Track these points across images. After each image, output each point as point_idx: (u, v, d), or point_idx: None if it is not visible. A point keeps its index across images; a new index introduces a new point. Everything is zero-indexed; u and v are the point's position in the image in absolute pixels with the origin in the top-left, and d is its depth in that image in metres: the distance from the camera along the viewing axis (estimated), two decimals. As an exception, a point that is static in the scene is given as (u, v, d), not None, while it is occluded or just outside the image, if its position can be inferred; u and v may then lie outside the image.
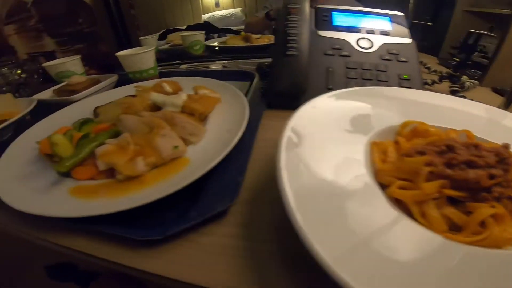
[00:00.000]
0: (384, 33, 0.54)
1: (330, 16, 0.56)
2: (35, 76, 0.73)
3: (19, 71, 0.67)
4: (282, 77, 0.50)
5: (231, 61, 0.87)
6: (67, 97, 0.57)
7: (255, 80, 0.65)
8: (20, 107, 0.56)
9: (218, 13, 1.91)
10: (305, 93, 0.49)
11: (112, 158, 0.34)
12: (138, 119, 0.39)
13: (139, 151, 0.35)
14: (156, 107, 0.45)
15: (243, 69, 0.72)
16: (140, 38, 1.00)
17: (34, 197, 0.29)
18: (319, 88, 0.50)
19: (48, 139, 0.38)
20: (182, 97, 0.42)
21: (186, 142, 0.38)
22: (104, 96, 0.58)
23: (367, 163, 0.23)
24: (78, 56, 0.74)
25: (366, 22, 0.57)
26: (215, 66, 0.83)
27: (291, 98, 0.47)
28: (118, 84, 0.68)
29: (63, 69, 0.71)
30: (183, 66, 0.88)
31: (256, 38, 1.16)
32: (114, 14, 0.86)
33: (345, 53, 0.52)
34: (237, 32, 1.31)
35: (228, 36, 1.25)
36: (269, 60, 0.79)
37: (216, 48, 1.13)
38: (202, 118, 0.44)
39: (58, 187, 0.32)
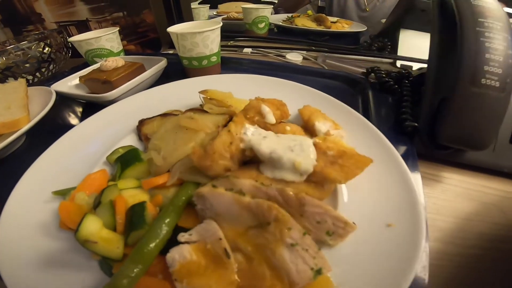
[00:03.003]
0: None
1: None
2: (63, 51, 0.56)
3: (43, 45, 0.49)
4: (461, 118, 0.29)
5: (310, 52, 0.64)
6: (97, 95, 0.39)
7: (370, 96, 0.43)
8: (33, 103, 0.39)
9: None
10: (487, 147, 0.29)
11: (201, 284, 0.17)
12: (237, 200, 0.20)
13: (247, 273, 0.17)
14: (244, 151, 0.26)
15: (350, 73, 0.50)
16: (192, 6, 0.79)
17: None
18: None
19: (70, 211, 0.21)
20: (310, 152, 0.22)
21: (319, 243, 0.20)
22: (149, 96, 0.40)
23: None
24: (116, 29, 0.55)
25: None
26: (294, 56, 0.61)
27: (464, 151, 0.32)
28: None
29: (95, 46, 0.52)
30: (247, 50, 0.67)
31: (333, 22, 0.90)
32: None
33: None
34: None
35: (298, 14, 0.99)
36: (387, 61, 0.57)
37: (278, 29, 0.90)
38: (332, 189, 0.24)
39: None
